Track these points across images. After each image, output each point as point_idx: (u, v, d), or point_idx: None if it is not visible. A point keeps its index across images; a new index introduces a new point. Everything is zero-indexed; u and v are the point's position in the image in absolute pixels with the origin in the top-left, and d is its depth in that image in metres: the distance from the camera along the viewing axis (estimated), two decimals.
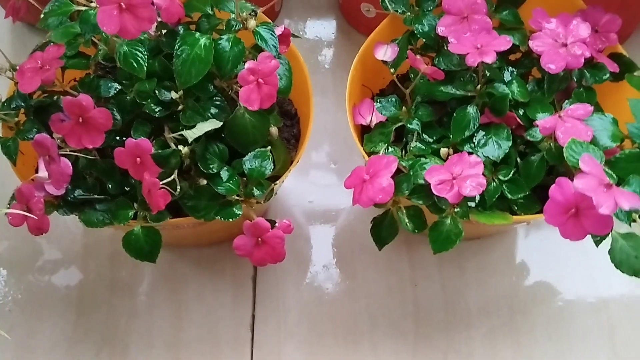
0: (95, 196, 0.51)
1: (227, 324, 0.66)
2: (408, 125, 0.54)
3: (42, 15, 0.46)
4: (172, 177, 0.47)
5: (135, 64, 0.46)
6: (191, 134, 0.47)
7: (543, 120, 0.49)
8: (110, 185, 0.51)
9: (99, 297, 0.67)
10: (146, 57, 0.46)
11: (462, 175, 0.48)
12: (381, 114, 0.55)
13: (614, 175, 0.43)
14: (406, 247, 0.69)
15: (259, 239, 0.48)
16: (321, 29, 0.84)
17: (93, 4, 0.44)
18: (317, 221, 0.72)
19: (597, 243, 0.44)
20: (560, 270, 0.68)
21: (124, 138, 0.50)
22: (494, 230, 0.68)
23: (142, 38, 0.48)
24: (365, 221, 0.57)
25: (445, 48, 0.54)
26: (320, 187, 0.74)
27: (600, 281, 0.68)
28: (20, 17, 0.54)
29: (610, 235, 0.44)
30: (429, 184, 0.49)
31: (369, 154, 0.55)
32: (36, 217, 0.47)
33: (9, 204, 0.50)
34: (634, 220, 0.42)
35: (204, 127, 0.48)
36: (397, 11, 0.57)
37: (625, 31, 0.80)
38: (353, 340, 0.65)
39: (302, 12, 0.85)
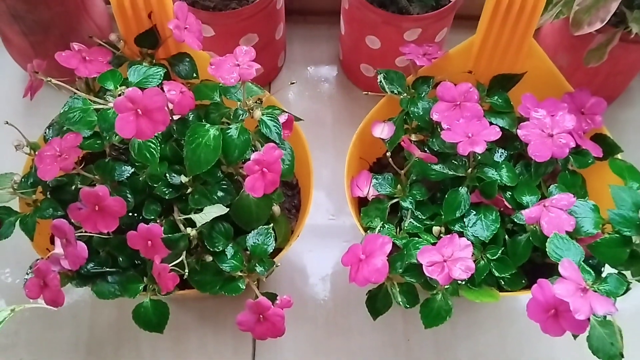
0: (107, 269, 0.54)
1: None
2: (402, 203, 0.58)
3: (61, 112, 0.49)
4: (180, 259, 0.51)
5: (148, 155, 0.49)
6: (199, 219, 0.51)
7: (528, 210, 0.52)
8: (121, 259, 0.54)
9: (105, 345, 0.70)
10: (158, 148, 0.49)
11: (452, 257, 0.52)
12: (377, 191, 0.59)
13: (592, 273, 0.46)
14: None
15: (261, 315, 0.52)
16: (322, 83, 0.87)
17: (110, 104, 0.47)
18: (315, 275, 0.75)
19: (575, 337, 0.47)
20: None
21: (136, 215, 0.53)
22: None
23: None
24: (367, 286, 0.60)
25: (439, 131, 0.57)
26: (320, 237, 0.78)
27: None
28: (33, 92, 0.57)
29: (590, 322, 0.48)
30: (422, 264, 0.52)
31: (365, 229, 0.58)
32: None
33: (26, 275, 0.53)
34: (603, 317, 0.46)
35: (211, 213, 0.51)
36: (393, 92, 0.60)
37: (609, 97, 0.84)
38: None
39: (304, 67, 0.88)
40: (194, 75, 0.57)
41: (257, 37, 0.75)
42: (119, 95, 0.47)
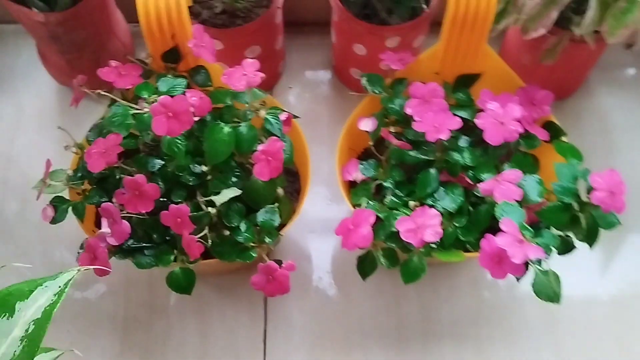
0: (144, 244, 0.66)
1: (244, 338, 0.81)
2: (384, 183, 0.70)
3: (107, 116, 0.61)
4: (204, 232, 0.63)
5: (176, 149, 0.61)
6: (218, 200, 0.63)
7: (484, 183, 0.64)
8: (155, 236, 0.66)
9: (140, 318, 0.82)
10: (184, 143, 0.61)
11: (424, 225, 0.64)
12: (364, 175, 0.71)
13: (531, 230, 0.58)
14: (390, 274, 0.84)
15: (270, 276, 0.64)
16: (318, 86, 0.99)
17: (146, 109, 0.59)
18: (317, 250, 0.87)
19: (518, 279, 0.59)
20: (514, 290, 0.84)
21: (166, 199, 0.66)
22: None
23: None
24: (356, 254, 0.72)
25: (412, 123, 0.69)
26: (320, 220, 0.89)
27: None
28: (77, 102, 0.70)
29: (533, 271, 0.60)
30: (399, 231, 0.64)
31: (354, 206, 0.70)
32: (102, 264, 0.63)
33: (78, 252, 0.66)
34: (540, 263, 0.57)
35: (227, 194, 0.63)
36: (374, 92, 0.72)
37: (568, 90, 0.95)
38: (348, 350, 0.80)
39: (302, 72, 1.00)
40: (209, 83, 0.70)
41: (260, 48, 0.87)
42: (153, 102, 0.59)
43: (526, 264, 0.58)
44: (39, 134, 0.95)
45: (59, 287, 0.51)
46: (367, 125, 0.72)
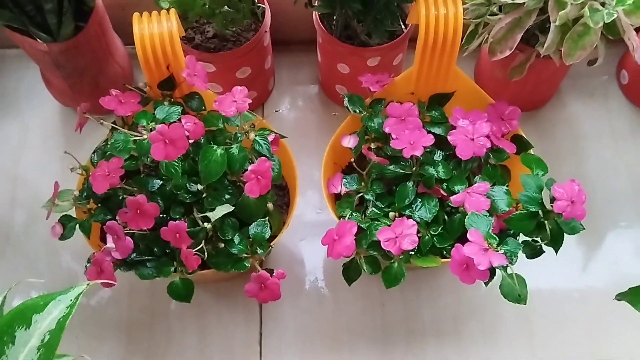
0: (146, 257, 0.72)
1: (240, 340, 0.87)
2: (366, 196, 0.76)
3: (109, 143, 0.67)
4: (200, 246, 0.69)
5: (173, 171, 0.67)
6: (213, 216, 0.69)
7: (455, 196, 0.70)
8: (156, 249, 0.72)
9: (143, 322, 0.88)
10: (180, 165, 0.67)
11: (402, 234, 0.70)
12: (347, 188, 0.77)
13: (496, 238, 0.64)
14: (375, 278, 0.89)
15: (262, 284, 0.70)
16: (306, 101, 1.05)
17: (145, 136, 0.65)
18: (309, 255, 0.93)
19: (486, 284, 0.66)
20: (491, 290, 0.90)
21: (165, 216, 0.72)
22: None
23: None
24: (342, 260, 0.77)
25: (390, 140, 0.75)
26: (311, 227, 0.95)
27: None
28: (81, 127, 0.75)
29: (501, 275, 0.66)
30: (380, 240, 0.70)
31: (339, 217, 0.76)
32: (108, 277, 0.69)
33: (86, 266, 0.72)
34: (505, 269, 0.63)
35: (221, 211, 0.69)
36: (355, 111, 0.78)
37: (540, 101, 1.02)
38: (336, 349, 0.86)
39: (291, 88, 1.06)
40: (203, 108, 0.76)
41: (250, 69, 0.93)
42: (151, 129, 0.65)
43: (493, 270, 0.64)
44: (44, 153, 1.01)
45: (71, 300, 0.57)
46: (349, 142, 0.78)
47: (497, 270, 0.64)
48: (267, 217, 0.73)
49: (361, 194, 0.76)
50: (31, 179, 0.99)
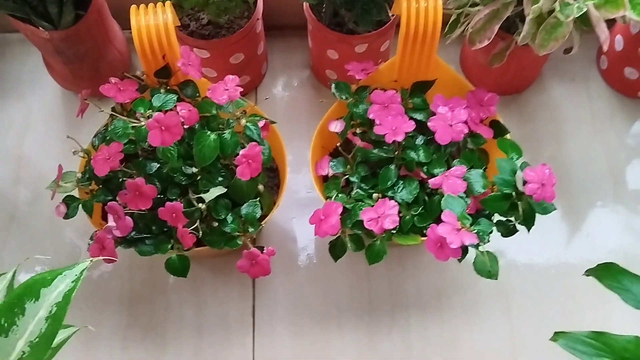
0: (145, 235, 0.77)
1: (235, 312, 0.93)
2: (351, 178, 0.80)
3: (109, 129, 0.72)
4: (195, 225, 0.74)
5: (169, 156, 0.72)
6: (207, 197, 0.74)
7: (434, 179, 0.75)
8: (154, 228, 0.77)
9: (143, 296, 0.94)
10: (176, 149, 0.72)
11: (384, 214, 0.74)
12: (334, 171, 0.81)
13: (469, 218, 0.69)
14: (361, 255, 0.95)
15: (253, 261, 0.75)
16: (298, 85, 1.09)
17: (143, 123, 0.70)
18: (300, 233, 0.98)
19: (459, 261, 0.71)
20: (472, 268, 0.95)
21: (162, 196, 0.76)
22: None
23: None
24: (329, 238, 0.82)
25: (375, 125, 0.79)
26: (301, 206, 1.00)
27: (502, 276, 0.94)
28: (82, 112, 0.80)
29: (475, 252, 0.71)
30: (363, 220, 0.75)
31: (326, 197, 0.81)
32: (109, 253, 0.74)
33: (88, 243, 0.77)
34: (477, 247, 0.68)
35: (215, 192, 0.74)
36: (342, 98, 0.82)
37: (523, 85, 1.06)
38: (325, 322, 0.92)
39: (283, 72, 1.10)
40: (197, 95, 0.80)
41: (243, 55, 0.97)
42: (149, 117, 0.70)
43: (465, 248, 0.69)
44: (47, 135, 1.05)
45: (76, 275, 0.62)
46: (336, 127, 0.82)
47: (469, 248, 0.69)
48: (258, 198, 0.78)
49: (347, 177, 0.81)
50: (35, 159, 1.04)
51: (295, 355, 0.90)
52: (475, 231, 0.69)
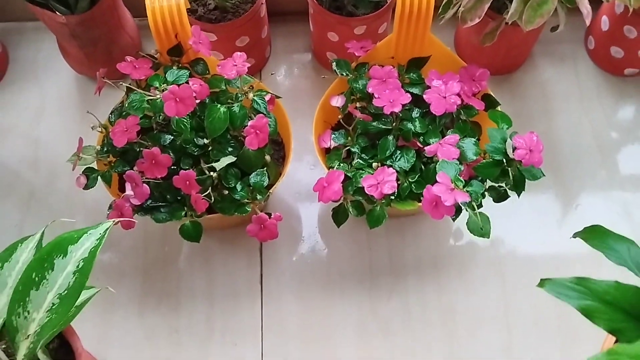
0: (160, 204, 0.83)
1: (243, 281, 0.98)
2: (352, 149, 0.86)
3: (126, 103, 0.77)
4: (207, 192, 0.79)
5: (183, 127, 0.77)
6: (218, 165, 0.79)
7: (429, 146, 0.80)
8: (169, 197, 0.82)
9: (157, 266, 0.99)
10: (189, 122, 0.77)
11: (383, 181, 0.80)
12: (336, 143, 0.87)
13: (462, 181, 0.74)
14: (364, 225, 1.00)
15: (262, 225, 0.81)
16: (300, 68, 1.14)
17: (158, 96, 0.75)
18: (305, 209, 1.03)
19: (453, 219, 0.76)
20: (467, 237, 1.00)
21: (176, 167, 0.82)
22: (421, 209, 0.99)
23: None
24: (333, 206, 0.87)
25: (374, 98, 0.85)
26: (305, 183, 1.06)
27: (495, 245, 1.00)
28: (100, 90, 0.85)
29: (467, 214, 0.76)
30: (364, 186, 0.80)
31: (329, 168, 0.86)
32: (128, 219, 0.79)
33: (107, 212, 0.82)
34: (473, 208, 0.74)
35: (225, 161, 0.79)
36: (342, 74, 0.88)
37: (514, 65, 1.11)
38: (329, 288, 0.97)
39: (286, 55, 1.15)
40: (207, 72, 0.85)
41: (248, 38, 1.02)
42: (163, 90, 0.75)
43: (459, 208, 0.75)
44: (62, 118, 1.10)
45: (100, 233, 0.67)
46: (337, 101, 0.88)
47: (463, 208, 0.75)
48: (265, 168, 0.83)
49: (348, 148, 0.87)
50: (51, 141, 1.09)
51: (301, 319, 0.95)
52: (467, 192, 0.74)
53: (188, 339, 0.94)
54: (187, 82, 0.78)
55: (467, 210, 0.76)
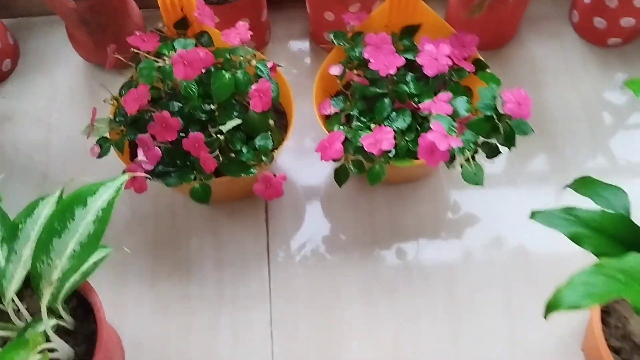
0: (171, 169, 0.87)
1: (251, 249, 1.02)
2: (351, 112, 0.90)
3: (137, 69, 0.82)
4: (215, 153, 0.84)
5: (191, 92, 0.82)
6: (225, 128, 0.84)
7: (424, 104, 0.85)
8: (178, 161, 0.87)
9: (167, 238, 1.03)
10: (196, 88, 0.82)
11: (381, 138, 0.84)
12: (335, 108, 0.91)
13: (455, 129, 0.79)
14: (365, 192, 1.05)
15: (268, 183, 0.85)
16: (299, 49, 1.20)
17: (167, 62, 0.80)
18: (306, 180, 1.08)
19: (448, 166, 0.81)
20: (466, 202, 1.05)
21: (184, 135, 0.86)
22: (419, 173, 1.04)
23: None
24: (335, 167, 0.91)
25: (369, 64, 0.89)
26: (306, 157, 1.10)
27: (490, 207, 1.04)
28: (110, 65, 0.90)
29: (460, 165, 0.81)
30: (363, 145, 0.85)
31: (329, 132, 0.91)
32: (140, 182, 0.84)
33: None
34: (468, 159, 0.78)
35: (231, 124, 0.84)
36: (340, 44, 0.93)
37: (503, 40, 1.16)
38: (333, 252, 1.01)
39: (286, 38, 1.21)
40: (212, 44, 0.91)
41: (248, 20, 1.07)
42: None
43: (453, 155, 0.79)
44: (73, 104, 1.15)
45: (117, 186, 0.71)
46: (335, 70, 0.93)
47: (456, 156, 0.79)
48: (270, 132, 0.88)
49: (347, 113, 0.91)
50: (63, 126, 1.14)
51: (307, 283, 0.99)
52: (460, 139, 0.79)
53: (199, 304, 0.98)
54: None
55: (460, 156, 0.80)
